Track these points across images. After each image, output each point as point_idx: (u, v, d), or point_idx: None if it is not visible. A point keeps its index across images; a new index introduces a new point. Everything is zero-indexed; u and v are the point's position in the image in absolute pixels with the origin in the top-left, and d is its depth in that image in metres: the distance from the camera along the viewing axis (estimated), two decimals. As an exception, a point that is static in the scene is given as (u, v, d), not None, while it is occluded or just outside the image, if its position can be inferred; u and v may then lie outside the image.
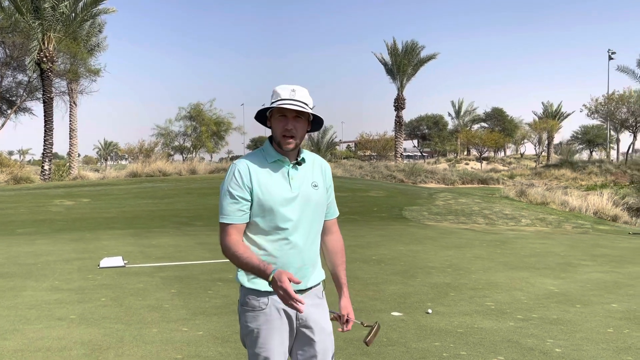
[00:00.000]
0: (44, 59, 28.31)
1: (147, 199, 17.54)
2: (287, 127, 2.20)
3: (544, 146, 70.05)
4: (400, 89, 49.30)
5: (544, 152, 70.96)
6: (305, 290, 2.28)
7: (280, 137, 2.22)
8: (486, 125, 77.25)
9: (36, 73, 30.59)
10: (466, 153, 78.12)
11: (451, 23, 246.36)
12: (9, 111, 33.67)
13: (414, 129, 76.59)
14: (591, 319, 5.20)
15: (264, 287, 2.19)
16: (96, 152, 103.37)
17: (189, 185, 22.04)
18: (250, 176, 2.21)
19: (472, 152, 73.73)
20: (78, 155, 38.85)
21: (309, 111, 2.22)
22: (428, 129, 76.15)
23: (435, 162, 61.26)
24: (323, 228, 2.41)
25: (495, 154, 79.30)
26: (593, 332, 4.79)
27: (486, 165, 61.61)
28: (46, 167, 28.83)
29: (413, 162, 47.54)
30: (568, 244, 10.56)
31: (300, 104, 2.19)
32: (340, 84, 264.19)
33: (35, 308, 5.47)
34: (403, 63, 48.17)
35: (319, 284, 2.36)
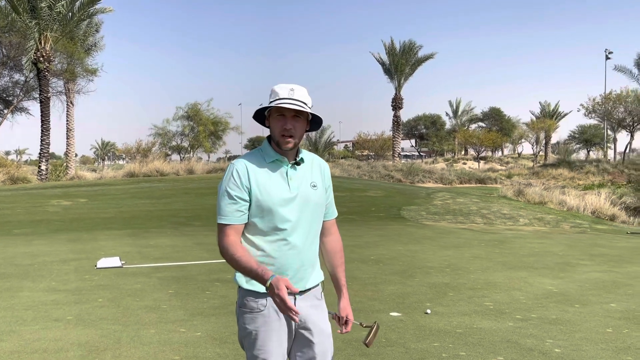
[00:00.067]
0: (41, 59, 28.24)
1: (145, 199, 17.50)
2: (286, 127, 2.18)
3: (542, 146, 70.17)
4: (398, 89, 49.34)
5: (542, 152, 71.08)
6: (304, 291, 2.25)
7: (279, 137, 2.20)
8: (484, 124, 77.30)
9: (33, 73, 30.51)
10: (464, 153, 78.20)
11: (449, 23, 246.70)
12: (6, 111, 33.57)
13: (412, 129, 76.64)
14: (590, 319, 5.19)
15: (263, 289, 2.15)
16: (93, 152, 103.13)
17: (187, 185, 21.99)
18: (248, 176, 2.18)
19: (470, 152, 73.81)
20: (75, 155, 38.76)
21: (308, 110, 2.19)
22: (426, 129, 76.19)
23: (433, 162, 61.35)
24: (322, 229, 2.39)
25: (492, 154, 79.41)
26: (592, 332, 4.78)
27: (484, 164, 61.71)
28: (43, 167, 28.76)
29: (411, 162, 47.54)
30: (566, 244, 10.56)
31: (299, 103, 2.16)
32: (337, 84, 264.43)
33: (31, 309, 5.44)
34: (401, 63, 48.20)
35: (318, 285, 2.34)
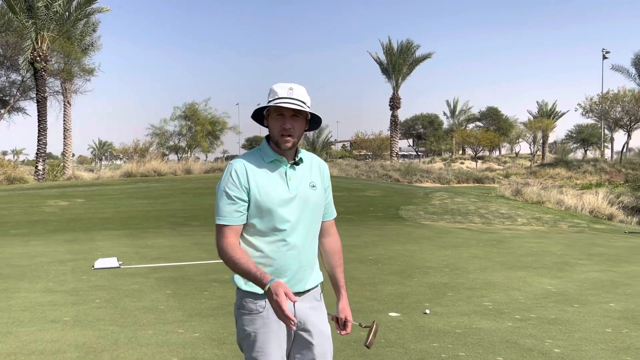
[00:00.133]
0: (38, 58, 28.16)
1: (142, 199, 17.45)
2: (285, 126, 2.15)
3: (539, 145, 70.28)
4: (395, 88, 49.34)
5: (539, 151, 71.21)
6: (303, 292, 2.23)
7: (278, 136, 2.17)
8: (481, 124, 77.39)
9: (30, 72, 30.44)
10: (461, 152, 78.27)
11: (447, 23, 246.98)
12: (3, 111, 33.45)
13: (409, 129, 76.66)
14: (589, 319, 5.18)
15: (261, 290, 2.13)
16: (91, 152, 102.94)
17: (184, 185, 21.95)
18: (247, 176, 2.16)
19: (468, 152, 73.87)
20: (72, 155, 38.67)
21: (307, 110, 2.17)
22: (423, 129, 76.24)
23: (430, 162, 61.40)
24: (321, 229, 2.36)
25: (490, 153, 79.50)
26: (591, 332, 4.77)
27: (481, 164, 61.76)
28: (40, 167, 28.68)
29: (408, 162, 47.57)
30: (564, 243, 10.56)
31: (298, 103, 2.14)
32: (335, 84, 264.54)
33: (28, 310, 5.41)
34: (398, 62, 48.21)
35: (317, 286, 2.32)
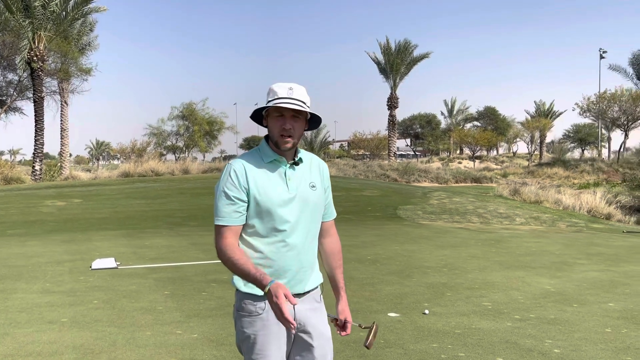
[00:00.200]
0: (35, 58, 28.07)
1: (140, 199, 17.41)
2: (285, 127, 2.13)
3: (537, 145, 70.36)
4: (393, 88, 49.35)
5: (537, 151, 71.29)
6: (303, 294, 2.21)
7: (277, 137, 2.15)
8: (479, 124, 77.49)
9: (26, 72, 30.33)
10: (459, 152, 78.33)
11: (444, 22, 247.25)
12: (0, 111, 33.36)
13: (407, 128, 76.72)
14: (589, 319, 5.17)
15: (261, 292, 2.11)
16: (88, 152, 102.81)
17: (182, 185, 21.91)
18: (246, 176, 2.14)
19: (465, 151, 73.93)
20: (69, 155, 38.57)
21: (308, 110, 2.15)
22: (421, 128, 76.30)
23: (428, 161, 61.39)
24: (320, 229, 2.34)
25: (487, 153, 79.57)
26: (591, 332, 4.76)
27: (479, 164, 61.83)
28: (37, 167, 28.60)
29: (406, 161, 47.58)
30: (563, 243, 10.56)
31: (298, 103, 2.12)
32: (333, 83, 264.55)
33: (25, 311, 5.37)
34: (396, 62, 48.23)
35: (317, 288, 2.30)
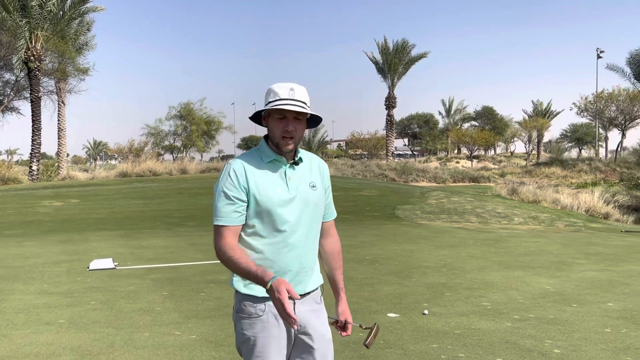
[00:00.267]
0: (32, 58, 28.00)
1: (138, 199, 17.37)
2: (288, 129, 2.12)
3: (534, 144, 70.45)
4: (391, 88, 49.38)
5: (534, 150, 71.37)
6: (303, 295, 2.19)
7: (279, 139, 2.14)
8: (476, 123, 77.55)
9: (23, 72, 30.25)
10: (457, 151, 78.41)
11: (442, 22, 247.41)
12: (-4, 111, 33.27)
13: (405, 128, 76.73)
14: (588, 319, 5.16)
15: (261, 293, 2.10)
16: (85, 152, 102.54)
17: (180, 185, 21.87)
18: (246, 176, 2.12)
19: (463, 151, 74.02)
20: (67, 155, 38.46)
21: (310, 112, 2.14)
22: (419, 128, 76.33)
23: (426, 161, 61.45)
24: (321, 230, 2.32)
25: (485, 153, 79.66)
26: (591, 332, 4.74)
27: (477, 163, 61.91)
28: (34, 168, 28.52)
29: (404, 161, 47.60)
30: (561, 242, 10.55)
31: (301, 104, 2.11)
32: (331, 83, 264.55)
33: (23, 312, 5.34)
34: (394, 62, 48.25)
35: (317, 289, 2.28)
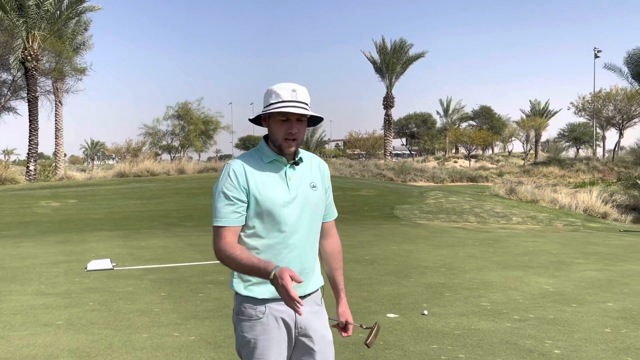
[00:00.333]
0: (29, 58, 27.91)
1: (135, 200, 17.32)
2: (292, 131, 2.11)
3: (532, 144, 70.55)
4: (389, 88, 49.35)
5: (532, 150, 71.47)
6: (304, 297, 2.17)
7: (282, 141, 2.12)
8: (474, 123, 77.59)
9: (20, 72, 30.16)
10: (454, 151, 78.45)
11: (440, 22, 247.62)
12: (-7, 111, 33.15)
13: (403, 127, 76.68)
14: (588, 319, 5.15)
15: (261, 295, 2.09)
16: (83, 152, 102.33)
17: (178, 185, 21.82)
18: (246, 177, 2.10)
19: (461, 150, 74.07)
20: (64, 155, 38.38)
21: (313, 114, 2.13)
22: (417, 127, 76.30)
23: (424, 161, 61.52)
24: (321, 230, 2.30)
25: (483, 152, 79.73)
26: (591, 332, 4.73)
27: (475, 163, 61.96)
28: (31, 168, 28.44)
29: (402, 161, 47.60)
30: (560, 242, 10.55)
31: (303, 106, 2.10)
32: (329, 83, 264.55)
33: (20, 313, 5.31)
34: (392, 61, 48.23)
35: (318, 290, 2.26)
